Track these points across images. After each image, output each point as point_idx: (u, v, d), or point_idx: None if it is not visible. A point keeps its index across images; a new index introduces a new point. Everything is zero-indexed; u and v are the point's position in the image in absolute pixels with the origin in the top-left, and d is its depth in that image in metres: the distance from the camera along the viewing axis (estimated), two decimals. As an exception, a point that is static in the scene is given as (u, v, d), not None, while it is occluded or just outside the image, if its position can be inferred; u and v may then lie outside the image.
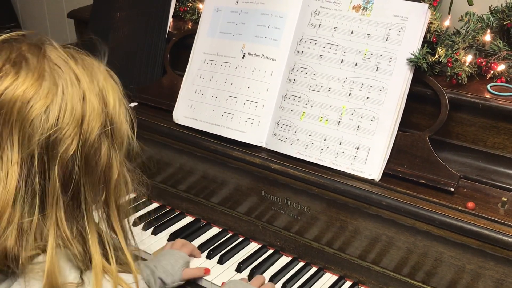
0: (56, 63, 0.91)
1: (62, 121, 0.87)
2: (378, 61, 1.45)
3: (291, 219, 1.57)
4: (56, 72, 0.90)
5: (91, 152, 0.91)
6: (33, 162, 0.87)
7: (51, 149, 0.87)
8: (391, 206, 1.36)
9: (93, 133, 0.90)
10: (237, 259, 1.57)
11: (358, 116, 1.46)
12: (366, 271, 1.48)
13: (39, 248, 0.89)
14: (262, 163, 1.54)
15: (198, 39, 1.75)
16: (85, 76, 0.92)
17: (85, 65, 0.94)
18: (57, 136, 0.87)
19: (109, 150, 0.93)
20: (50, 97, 0.87)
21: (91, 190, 0.92)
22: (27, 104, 0.86)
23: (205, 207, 1.74)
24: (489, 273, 1.30)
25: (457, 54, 1.41)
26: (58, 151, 0.87)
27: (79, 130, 0.89)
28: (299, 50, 1.56)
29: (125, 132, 0.98)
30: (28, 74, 0.88)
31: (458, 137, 1.46)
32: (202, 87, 1.70)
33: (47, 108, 0.87)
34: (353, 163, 1.46)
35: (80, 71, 0.92)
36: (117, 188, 0.97)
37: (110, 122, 0.93)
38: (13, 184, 0.86)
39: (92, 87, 0.92)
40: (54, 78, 0.89)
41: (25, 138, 0.86)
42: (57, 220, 0.89)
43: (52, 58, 0.92)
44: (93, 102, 0.91)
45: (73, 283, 0.90)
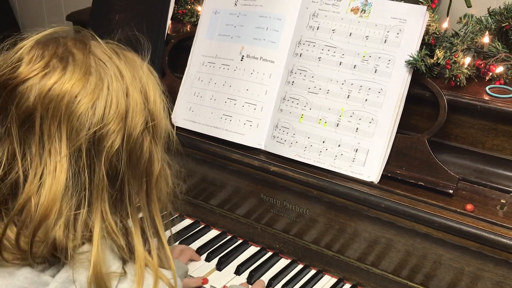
0: (101, 59, 0.93)
1: (108, 116, 0.89)
2: (377, 63, 1.45)
3: (290, 222, 1.56)
4: (102, 67, 0.92)
5: (135, 147, 0.92)
6: (81, 156, 0.88)
7: (97, 144, 0.89)
8: (390, 208, 1.36)
9: (137, 128, 0.92)
10: (236, 262, 1.57)
11: (356, 118, 1.46)
12: (365, 273, 1.48)
13: (85, 238, 0.90)
14: (261, 166, 1.54)
15: (196, 42, 1.75)
16: (128, 72, 0.94)
17: (128, 61, 0.96)
18: (103, 131, 0.88)
19: (151, 145, 0.95)
20: (96, 92, 0.89)
21: (134, 184, 0.94)
22: (74, 99, 0.88)
23: (204, 209, 1.74)
24: (488, 275, 1.29)
25: (455, 56, 1.41)
26: (104, 145, 0.89)
27: (124, 125, 0.90)
28: (297, 52, 1.56)
29: (164, 127, 0.99)
30: (75, 69, 0.89)
31: (457, 139, 1.46)
32: (201, 90, 1.70)
33: (94, 103, 0.88)
34: (352, 165, 1.45)
35: (124, 67, 0.94)
36: (159, 182, 0.99)
37: (151, 118, 0.95)
38: (63, 177, 0.87)
39: (135, 83, 0.93)
40: (100, 74, 0.91)
41: (73, 132, 0.88)
42: (102, 212, 0.91)
43: (97, 54, 0.93)
44: (136, 98, 0.92)
45: (116, 273, 0.91)
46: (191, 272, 1.52)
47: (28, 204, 0.87)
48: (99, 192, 0.90)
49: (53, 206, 0.87)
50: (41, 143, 0.88)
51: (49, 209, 0.86)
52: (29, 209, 0.87)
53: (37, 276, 0.90)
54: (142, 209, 0.98)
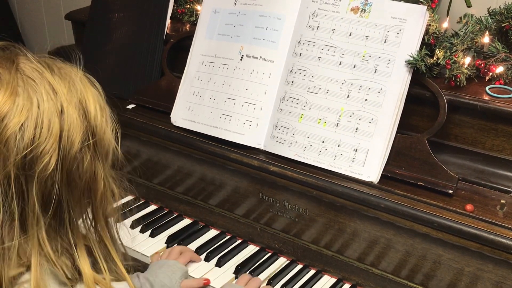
0: (30, 76, 0.86)
1: (39, 138, 0.83)
2: (377, 63, 1.45)
3: (290, 221, 1.56)
4: (30, 86, 0.85)
5: (73, 167, 0.87)
6: (10, 184, 0.83)
7: (28, 169, 0.83)
8: (389, 208, 1.36)
9: (74, 147, 0.86)
10: (235, 262, 1.57)
11: (356, 118, 1.46)
12: (365, 273, 1.48)
13: (23, 266, 0.85)
14: (260, 165, 1.54)
15: (196, 41, 1.75)
16: (63, 87, 0.88)
17: (62, 75, 0.90)
18: (34, 155, 0.83)
19: (92, 162, 0.89)
20: (24, 113, 0.83)
21: (75, 205, 0.89)
22: (0, 122, 0.82)
23: (203, 209, 1.73)
24: (488, 276, 1.29)
25: (455, 56, 1.41)
26: (36, 170, 0.83)
27: (58, 145, 0.84)
28: (297, 52, 1.56)
29: (108, 142, 0.94)
30: (1, 90, 0.83)
31: (457, 139, 1.46)
32: (200, 89, 1.70)
33: (22, 126, 0.82)
34: (352, 165, 1.45)
35: (57, 82, 0.88)
36: (104, 200, 0.94)
37: (92, 134, 0.89)
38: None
39: (70, 98, 0.88)
40: (28, 93, 0.84)
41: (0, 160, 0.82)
42: (39, 240, 0.86)
43: (25, 71, 0.87)
44: (72, 115, 0.87)
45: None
46: (190, 272, 1.52)
47: None
48: (34, 219, 0.85)
49: None
50: None
51: None
52: None
53: None
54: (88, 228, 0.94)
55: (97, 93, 0.94)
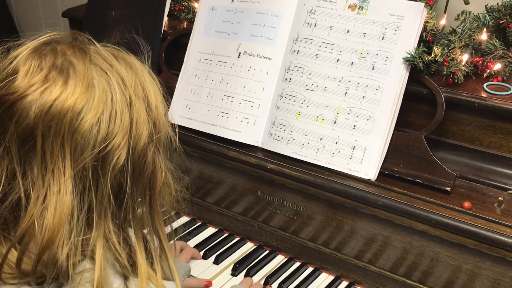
0: (103, 68, 0.87)
1: (113, 131, 0.84)
2: (374, 60, 1.45)
3: (287, 219, 1.56)
4: (105, 78, 0.86)
5: (139, 160, 0.88)
6: (86, 175, 0.83)
7: (103, 161, 0.84)
8: (387, 206, 1.36)
9: (141, 141, 0.87)
10: (233, 259, 1.57)
11: (354, 116, 1.46)
12: (363, 271, 1.48)
13: (84, 254, 0.86)
14: (258, 163, 1.54)
15: (193, 38, 1.74)
16: (130, 79, 0.88)
17: (129, 66, 0.90)
18: (108, 148, 0.83)
19: (154, 155, 0.90)
20: (101, 106, 0.84)
21: (138, 197, 0.90)
22: (78, 115, 0.82)
23: (201, 207, 1.73)
24: (486, 273, 1.29)
25: (453, 53, 1.41)
26: (110, 162, 0.84)
27: (128, 138, 0.85)
28: (295, 49, 1.55)
29: (166, 135, 0.95)
30: (77, 82, 0.83)
31: (455, 137, 1.46)
32: (198, 87, 1.69)
33: (99, 119, 0.83)
34: (349, 163, 1.45)
35: (126, 74, 0.88)
36: (162, 192, 0.95)
37: (154, 126, 0.90)
38: (68, 199, 0.82)
39: (137, 92, 0.88)
40: (103, 86, 0.85)
41: (77, 151, 0.82)
42: (106, 231, 0.86)
43: (98, 63, 0.87)
44: (139, 108, 0.87)
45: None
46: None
47: (31, 229, 0.82)
48: (103, 211, 0.85)
49: (58, 230, 0.82)
50: (43, 163, 0.82)
51: (55, 233, 0.82)
52: (33, 233, 0.82)
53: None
54: (145, 221, 0.94)
55: (158, 88, 0.94)
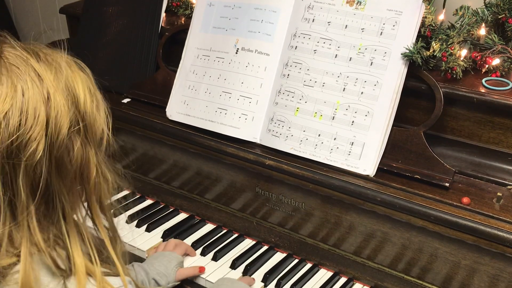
0: (14, 64, 0.85)
1: (25, 126, 0.82)
2: (373, 56, 1.44)
3: (286, 215, 1.56)
4: (14, 73, 0.84)
5: (62, 154, 0.86)
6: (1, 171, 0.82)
7: (14, 157, 0.82)
8: (385, 201, 1.36)
9: (61, 134, 0.85)
10: (231, 256, 1.56)
11: (352, 112, 1.45)
12: (361, 267, 1.47)
13: (16, 256, 0.85)
14: (256, 159, 1.53)
15: (191, 34, 1.74)
16: (49, 73, 0.87)
17: (49, 61, 0.89)
18: (19, 143, 0.82)
19: (83, 148, 0.89)
20: (8, 101, 0.82)
21: (67, 192, 0.88)
22: None
23: (199, 203, 1.73)
24: (485, 269, 1.29)
25: (451, 48, 1.40)
26: (22, 157, 0.82)
27: (45, 132, 0.83)
28: (293, 45, 1.55)
29: (100, 126, 0.92)
30: None
31: (453, 132, 1.45)
32: (196, 83, 1.69)
33: (6, 114, 0.81)
34: (348, 159, 1.45)
35: (43, 68, 0.86)
36: (97, 186, 0.93)
37: (81, 118, 0.88)
38: None
39: (57, 84, 0.86)
40: (12, 81, 0.83)
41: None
42: (29, 228, 0.85)
43: (9, 59, 0.86)
44: (59, 101, 0.85)
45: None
46: (186, 266, 1.51)
47: None
48: (23, 207, 0.84)
49: None
50: None
51: None
52: None
53: None
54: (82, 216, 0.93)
55: (86, 77, 0.92)
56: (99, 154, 0.93)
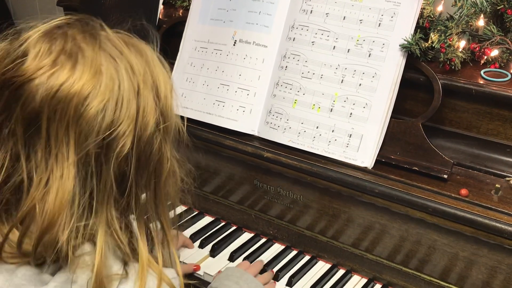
0: (112, 55, 0.86)
1: (118, 119, 0.84)
2: (371, 47, 1.44)
3: (284, 208, 1.55)
4: (113, 65, 0.86)
5: (145, 149, 0.88)
6: (89, 162, 0.84)
7: (107, 148, 0.84)
8: (384, 193, 1.35)
9: (148, 129, 0.87)
10: (230, 248, 1.56)
11: (350, 103, 1.45)
12: (359, 259, 1.47)
13: (84, 237, 0.86)
14: (254, 152, 1.53)
15: (188, 26, 1.73)
16: (140, 66, 0.88)
17: (139, 53, 0.90)
18: (113, 135, 0.83)
19: (161, 145, 0.90)
20: (107, 93, 0.83)
21: (142, 186, 0.90)
22: (84, 101, 0.82)
23: (198, 196, 1.72)
24: (483, 260, 1.29)
25: (450, 39, 1.40)
26: (114, 150, 0.84)
27: (134, 127, 0.85)
28: (291, 36, 1.54)
29: (174, 124, 0.95)
30: (85, 68, 0.83)
31: (452, 124, 1.45)
32: (193, 75, 1.68)
33: (104, 106, 0.83)
34: (346, 151, 1.44)
35: (135, 61, 0.88)
36: (167, 182, 0.94)
37: (162, 116, 0.89)
38: (70, 184, 0.83)
39: (146, 79, 0.88)
40: (110, 72, 0.85)
41: (81, 137, 0.83)
42: (108, 217, 0.87)
43: (107, 49, 0.87)
44: (147, 96, 0.87)
45: (117, 274, 0.88)
46: (185, 259, 1.51)
47: (32, 211, 0.83)
48: (105, 197, 0.86)
49: (59, 214, 0.82)
50: (47, 148, 0.83)
51: (55, 217, 0.82)
52: (34, 216, 0.83)
53: (36, 274, 0.87)
54: (149, 209, 0.94)
55: (167, 76, 0.94)
56: (172, 150, 0.94)
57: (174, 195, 0.99)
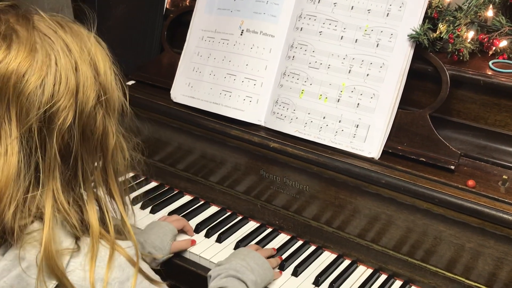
0: (46, 34, 0.90)
1: (58, 93, 0.87)
2: (379, 37, 1.43)
3: (290, 198, 1.55)
4: (47, 43, 0.89)
5: (88, 122, 0.91)
6: (32, 136, 0.87)
7: (48, 122, 0.87)
8: (390, 184, 1.35)
9: (89, 103, 0.90)
10: (235, 238, 1.57)
11: (358, 94, 1.44)
12: (365, 249, 1.47)
13: (34, 216, 0.89)
14: (261, 142, 1.53)
15: (195, 16, 1.72)
16: (76, 45, 0.92)
17: (74, 34, 0.93)
18: (53, 109, 0.87)
19: (104, 118, 0.94)
20: (44, 69, 0.87)
21: (88, 160, 0.93)
22: (22, 78, 0.86)
23: (204, 186, 1.72)
24: (489, 252, 1.29)
25: (458, 30, 1.39)
26: (56, 123, 0.87)
27: (75, 101, 0.89)
28: (298, 26, 1.53)
29: (117, 99, 0.98)
30: (20, 47, 0.87)
31: (459, 115, 1.44)
32: (200, 65, 1.68)
33: (42, 81, 0.87)
34: (353, 141, 1.44)
35: (70, 40, 0.91)
36: (114, 155, 0.98)
37: (103, 91, 0.93)
38: (14, 160, 0.86)
39: (83, 56, 0.91)
40: (46, 50, 0.88)
41: (22, 113, 0.86)
42: (54, 191, 0.90)
43: (41, 29, 0.91)
44: (86, 72, 0.91)
45: (68, 249, 0.91)
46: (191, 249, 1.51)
47: None
48: (50, 171, 0.89)
49: (5, 190, 0.86)
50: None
51: (2, 192, 0.85)
52: None
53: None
54: (98, 183, 0.98)
55: (105, 53, 0.98)
56: (116, 125, 0.99)
57: (123, 170, 1.03)
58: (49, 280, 0.88)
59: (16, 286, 0.87)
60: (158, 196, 1.74)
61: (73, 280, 0.90)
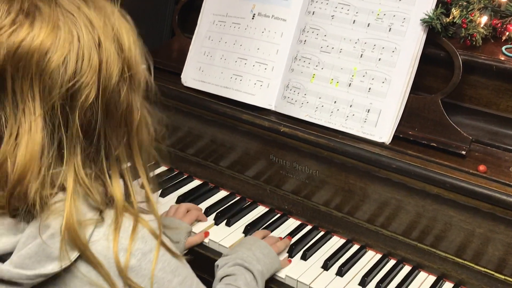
0: (69, 10, 0.90)
1: (80, 71, 0.88)
2: (391, 22, 1.42)
3: (300, 183, 1.55)
4: (70, 19, 0.89)
5: (111, 98, 0.91)
6: (56, 113, 0.88)
7: (71, 99, 0.88)
8: (401, 169, 1.35)
9: (112, 79, 0.90)
10: (244, 222, 1.57)
11: (369, 78, 1.44)
12: (374, 234, 1.47)
13: (59, 188, 0.90)
14: (271, 126, 1.53)
15: (207, 0, 1.72)
16: (99, 20, 0.91)
17: (98, 9, 0.93)
18: (76, 86, 0.87)
19: (128, 94, 0.94)
20: (67, 46, 0.87)
21: (112, 135, 0.94)
22: (44, 56, 0.86)
23: (213, 170, 1.73)
24: (499, 237, 1.28)
25: (472, 15, 1.38)
26: (78, 100, 0.88)
27: (98, 77, 0.89)
28: (310, 10, 1.53)
29: (142, 74, 0.98)
30: (43, 24, 0.87)
31: (471, 100, 1.44)
32: (211, 49, 1.68)
33: (65, 59, 0.87)
34: (364, 126, 1.44)
35: (94, 15, 0.91)
36: (139, 131, 0.98)
37: (127, 66, 0.93)
38: (39, 136, 0.87)
39: (106, 32, 0.91)
40: (68, 26, 0.88)
41: (46, 91, 0.87)
42: (75, 166, 0.90)
43: (64, 5, 0.91)
44: (109, 48, 0.90)
45: (92, 219, 0.92)
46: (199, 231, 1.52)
47: (4, 164, 0.87)
48: (72, 147, 0.90)
49: (30, 166, 0.87)
50: (14, 103, 0.87)
51: (26, 169, 0.86)
52: (6, 169, 0.87)
53: (13, 224, 0.91)
54: (123, 158, 0.98)
55: (130, 27, 0.97)
56: (141, 100, 0.98)
57: (148, 145, 1.02)
58: (71, 251, 0.89)
59: (40, 253, 0.89)
60: (167, 180, 1.74)
61: (96, 250, 0.91)
